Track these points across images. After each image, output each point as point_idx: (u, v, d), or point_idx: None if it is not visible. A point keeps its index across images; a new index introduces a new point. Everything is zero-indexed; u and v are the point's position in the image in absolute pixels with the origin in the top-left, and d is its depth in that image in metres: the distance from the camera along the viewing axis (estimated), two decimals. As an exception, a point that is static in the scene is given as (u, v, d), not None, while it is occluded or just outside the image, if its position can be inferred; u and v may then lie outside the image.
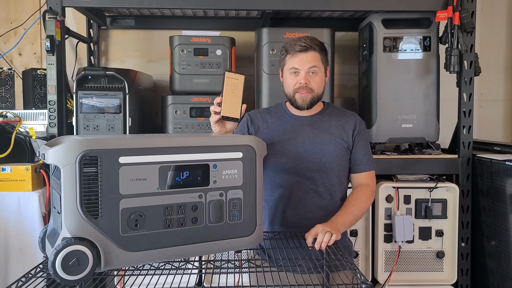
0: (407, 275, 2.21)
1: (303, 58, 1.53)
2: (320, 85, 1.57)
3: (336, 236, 1.30)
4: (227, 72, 1.32)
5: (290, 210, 1.56)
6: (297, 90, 1.54)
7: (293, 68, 1.54)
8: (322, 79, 1.58)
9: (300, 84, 1.53)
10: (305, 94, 1.54)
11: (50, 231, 1.11)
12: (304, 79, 1.52)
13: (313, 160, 1.55)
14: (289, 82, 1.56)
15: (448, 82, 2.36)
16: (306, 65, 1.52)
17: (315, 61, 1.54)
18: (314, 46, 1.54)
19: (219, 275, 1.20)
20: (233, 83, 1.32)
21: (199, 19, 2.73)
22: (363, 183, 1.60)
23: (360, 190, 1.57)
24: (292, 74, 1.55)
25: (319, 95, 1.57)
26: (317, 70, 1.54)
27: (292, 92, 1.55)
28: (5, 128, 2.15)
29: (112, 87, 2.17)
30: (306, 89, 1.53)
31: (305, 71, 1.53)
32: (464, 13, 2.10)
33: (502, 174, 1.95)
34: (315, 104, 1.58)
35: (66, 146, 0.96)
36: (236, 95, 1.33)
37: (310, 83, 1.53)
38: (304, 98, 1.54)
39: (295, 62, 1.53)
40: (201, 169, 1.10)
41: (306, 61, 1.52)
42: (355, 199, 1.54)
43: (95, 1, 2.15)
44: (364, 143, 1.61)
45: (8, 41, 2.72)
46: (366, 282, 1.02)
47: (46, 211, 2.05)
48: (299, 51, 1.52)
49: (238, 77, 1.32)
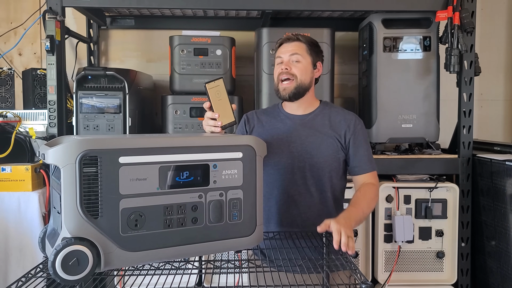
0: (407, 275, 2.21)
1: (287, 47, 1.56)
2: (304, 73, 1.54)
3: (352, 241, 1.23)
4: (207, 84, 1.32)
5: (284, 211, 1.56)
6: (279, 79, 1.55)
7: (278, 57, 1.57)
8: (307, 68, 1.55)
9: (281, 70, 1.54)
10: (287, 84, 1.53)
11: (50, 231, 1.11)
12: (285, 65, 1.54)
13: (304, 159, 1.53)
14: (274, 72, 1.58)
15: (448, 82, 2.36)
16: (288, 52, 1.55)
17: (298, 50, 1.55)
18: (300, 38, 1.57)
19: (219, 275, 1.20)
20: (216, 91, 1.33)
21: (199, 19, 2.73)
22: (367, 182, 1.57)
23: (367, 188, 1.53)
24: (277, 64, 1.57)
25: (303, 84, 1.54)
26: (300, 58, 1.54)
27: (277, 82, 1.57)
28: (5, 128, 2.15)
29: (112, 87, 2.17)
30: (288, 74, 1.53)
31: (287, 58, 1.54)
32: (464, 13, 2.10)
33: (502, 174, 1.95)
34: (300, 94, 1.55)
35: (66, 146, 0.96)
36: (223, 101, 1.34)
37: (291, 69, 1.53)
38: (286, 88, 1.54)
39: (281, 52, 1.57)
40: (201, 169, 1.09)
41: (289, 49, 1.55)
42: (364, 196, 1.50)
43: (95, 1, 2.15)
44: (362, 143, 1.57)
45: (8, 41, 2.72)
46: (366, 282, 1.01)
47: (46, 211, 2.05)
48: (284, 41, 1.57)
49: (218, 82, 1.33)
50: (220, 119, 1.34)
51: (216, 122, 1.34)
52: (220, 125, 1.34)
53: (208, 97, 1.33)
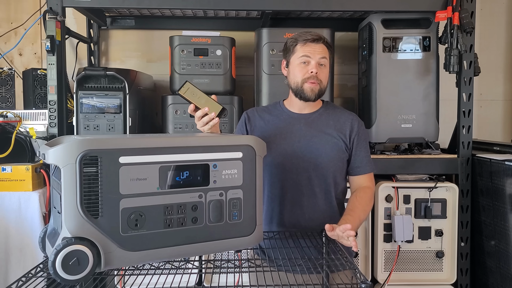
0: (407, 275, 2.21)
1: (315, 48, 1.51)
2: (327, 79, 1.56)
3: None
4: (179, 91, 1.36)
5: (287, 211, 1.55)
6: (306, 80, 1.51)
7: (304, 56, 1.51)
8: (328, 73, 1.56)
9: (310, 74, 1.51)
10: (315, 85, 1.51)
11: (50, 231, 1.12)
12: (315, 68, 1.50)
13: (309, 159, 1.53)
14: (297, 71, 1.53)
15: (448, 82, 2.36)
16: (318, 55, 1.51)
17: (325, 53, 1.53)
18: (325, 39, 1.54)
19: (219, 275, 1.20)
20: (191, 92, 1.36)
21: (199, 19, 2.73)
22: (364, 185, 1.57)
23: (363, 193, 1.54)
24: (302, 63, 1.52)
25: (325, 88, 1.56)
26: (326, 63, 1.54)
27: (301, 82, 1.52)
28: (6, 128, 2.15)
29: (112, 87, 2.17)
30: (316, 79, 1.51)
31: (316, 61, 1.51)
32: (464, 13, 2.10)
33: (502, 174, 1.95)
34: (320, 97, 1.57)
35: (66, 146, 0.96)
36: (202, 97, 1.37)
37: (320, 74, 1.52)
38: (313, 88, 1.51)
39: (307, 50, 1.51)
40: (201, 169, 1.10)
41: (317, 51, 1.51)
42: (360, 202, 1.50)
43: (95, 1, 2.15)
44: (363, 144, 1.59)
45: (9, 41, 2.72)
46: (366, 282, 1.02)
47: (46, 211, 2.06)
48: (312, 40, 1.51)
49: (187, 85, 1.36)
50: (210, 111, 1.35)
51: (210, 115, 1.35)
52: (213, 115, 1.34)
53: (188, 101, 1.36)
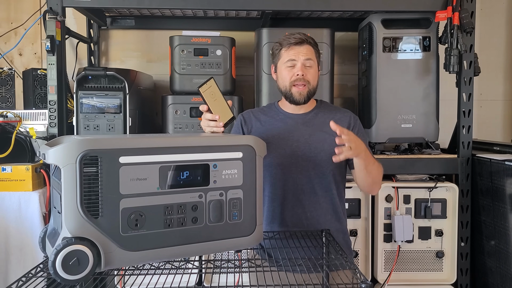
0: (407, 275, 2.21)
1: (299, 50, 1.54)
2: (315, 78, 1.57)
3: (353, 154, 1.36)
4: (200, 88, 1.33)
5: (288, 210, 1.55)
6: (293, 83, 1.54)
7: (289, 60, 1.54)
8: (317, 73, 1.58)
9: (297, 76, 1.53)
10: (302, 88, 1.54)
11: (51, 231, 1.12)
12: (301, 71, 1.53)
13: (309, 158, 1.54)
14: (284, 75, 1.56)
15: (448, 82, 2.36)
16: (302, 56, 1.53)
17: (310, 54, 1.55)
18: (308, 39, 1.56)
19: (219, 275, 1.20)
20: (210, 92, 1.34)
21: (199, 19, 2.73)
22: None
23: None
24: (288, 67, 1.55)
25: (314, 89, 1.57)
26: (312, 64, 1.55)
27: (289, 86, 1.55)
28: (6, 128, 2.15)
29: (112, 87, 2.17)
30: (303, 81, 1.53)
31: (301, 63, 1.53)
32: (464, 13, 2.10)
33: (502, 174, 1.95)
34: (311, 98, 1.59)
35: (66, 146, 0.96)
36: (219, 100, 1.35)
37: (306, 75, 1.54)
38: (301, 92, 1.54)
39: (291, 54, 1.54)
40: (201, 169, 1.10)
41: (302, 53, 1.54)
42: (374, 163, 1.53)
43: (95, 1, 2.15)
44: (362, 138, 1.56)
45: (9, 41, 2.72)
46: (366, 282, 1.02)
47: (47, 211, 2.06)
48: (295, 43, 1.54)
49: (210, 83, 1.34)
50: (220, 119, 1.35)
51: (217, 123, 1.35)
52: (221, 125, 1.35)
53: (204, 101, 1.35)
